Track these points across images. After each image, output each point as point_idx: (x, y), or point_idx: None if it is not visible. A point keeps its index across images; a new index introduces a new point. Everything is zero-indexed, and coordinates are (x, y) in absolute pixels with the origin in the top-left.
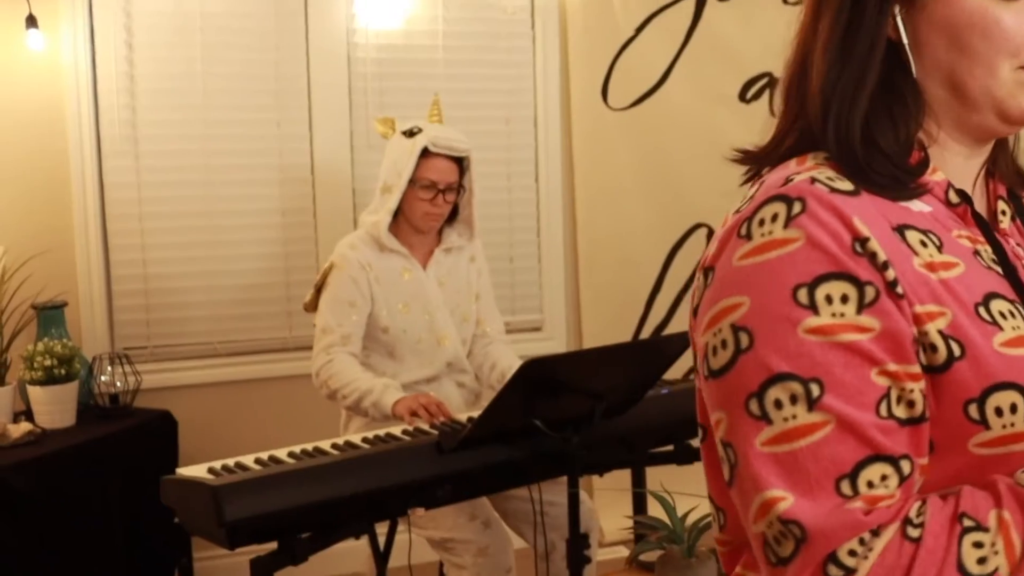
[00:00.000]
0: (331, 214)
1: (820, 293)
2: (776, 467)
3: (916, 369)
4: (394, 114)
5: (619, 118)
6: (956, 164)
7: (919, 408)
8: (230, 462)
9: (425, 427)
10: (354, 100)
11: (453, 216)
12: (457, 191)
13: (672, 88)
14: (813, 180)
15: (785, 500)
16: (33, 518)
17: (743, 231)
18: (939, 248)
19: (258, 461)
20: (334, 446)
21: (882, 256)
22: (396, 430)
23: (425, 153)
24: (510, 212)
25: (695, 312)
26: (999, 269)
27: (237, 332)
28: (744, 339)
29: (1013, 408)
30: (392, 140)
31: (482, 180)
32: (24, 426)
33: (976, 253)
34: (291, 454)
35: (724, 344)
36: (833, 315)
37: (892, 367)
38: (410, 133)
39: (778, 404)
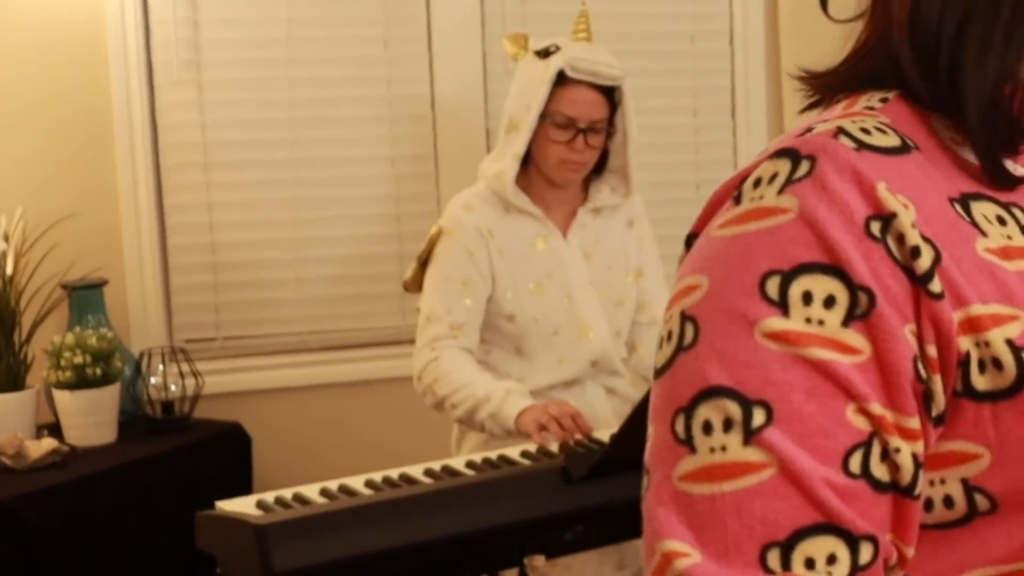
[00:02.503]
0: (458, 163)
1: (796, 288)
2: (688, 511)
3: (912, 423)
4: (542, 30)
5: (845, 35)
6: None
7: (907, 477)
8: (287, 493)
9: (554, 447)
10: (487, 12)
11: (603, 166)
12: (606, 132)
13: None
14: (839, 131)
15: (687, 558)
16: (54, 564)
17: (736, 192)
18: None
19: (324, 492)
20: (427, 472)
21: (913, 239)
22: (515, 451)
23: (562, 80)
24: (697, 159)
25: None
26: None
27: (334, 320)
28: (689, 333)
29: None
30: (523, 62)
31: (661, 116)
32: (47, 443)
33: None
34: (369, 483)
35: (669, 336)
36: (807, 320)
37: (877, 409)
38: (544, 53)
39: (707, 428)
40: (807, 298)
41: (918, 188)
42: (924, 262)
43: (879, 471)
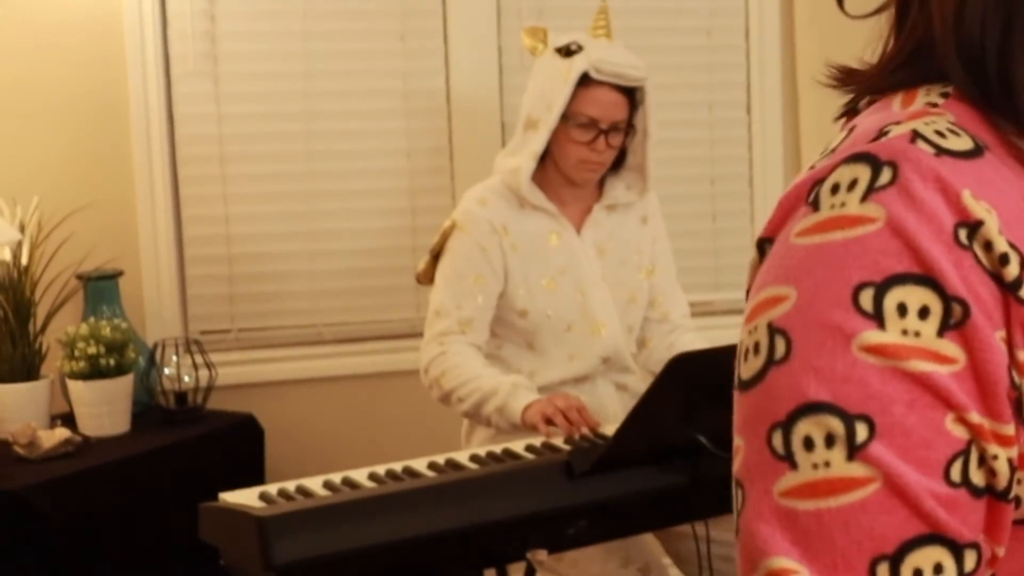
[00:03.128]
0: (473, 157)
1: (891, 300)
2: (793, 528)
3: (1008, 430)
4: (558, 24)
5: (862, 30)
6: None
7: (1003, 482)
8: (290, 486)
9: (559, 442)
10: (503, 5)
11: (619, 162)
12: (625, 131)
13: None
14: (915, 135)
15: (796, 575)
16: (66, 553)
17: (812, 196)
18: None
19: (327, 485)
20: (431, 466)
21: (1001, 247)
22: (519, 445)
23: (585, 80)
24: (712, 155)
25: (747, 296)
26: None
27: (349, 312)
28: (780, 346)
29: None
30: (542, 58)
31: (676, 111)
32: (60, 433)
33: None
34: (372, 476)
35: (757, 348)
36: (904, 332)
37: (975, 418)
38: (567, 51)
39: (808, 444)
40: (902, 310)
41: (996, 192)
42: (1013, 269)
43: (977, 477)
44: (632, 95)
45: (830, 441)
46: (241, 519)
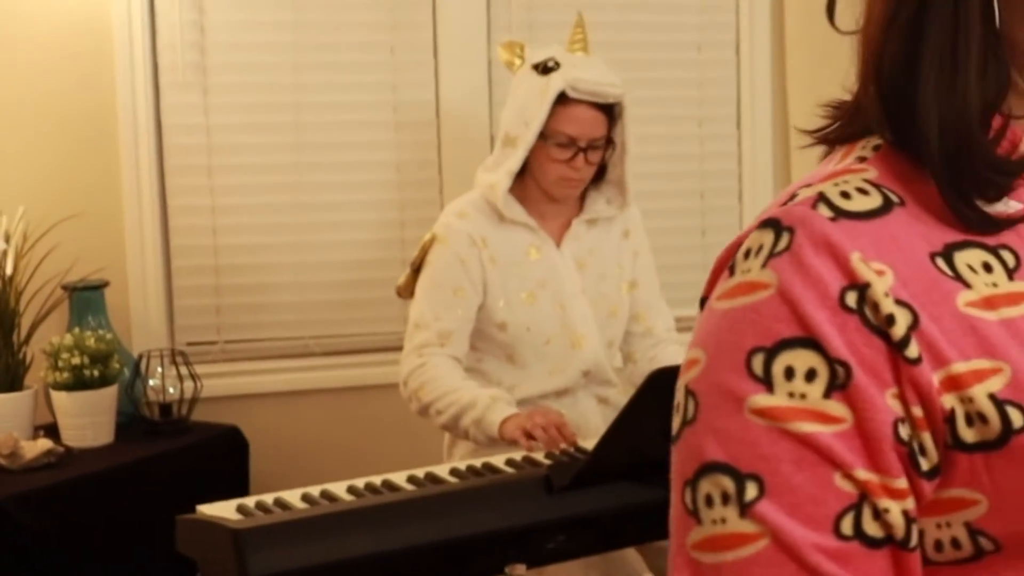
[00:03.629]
0: (462, 170)
1: (779, 364)
2: None
3: (899, 484)
4: (548, 38)
5: (852, 45)
6: None
7: (899, 533)
8: (268, 498)
9: (539, 456)
10: (493, 19)
11: (599, 176)
12: (604, 147)
13: None
14: (819, 199)
15: None
16: (46, 565)
17: (732, 261)
18: (1012, 271)
19: (306, 498)
20: (410, 479)
21: (886, 308)
22: (499, 460)
23: (562, 98)
24: (702, 169)
25: None
26: None
27: (336, 325)
28: (691, 407)
29: None
30: (520, 74)
31: (666, 125)
32: (43, 443)
33: None
34: (351, 489)
35: (678, 408)
36: (791, 395)
37: (862, 474)
38: (544, 68)
39: (709, 501)
40: (789, 373)
41: (898, 251)
42: (899, 329)
43: (872, 529)
44: (610, 110)
45: (725, 499)
46: (217, 531)
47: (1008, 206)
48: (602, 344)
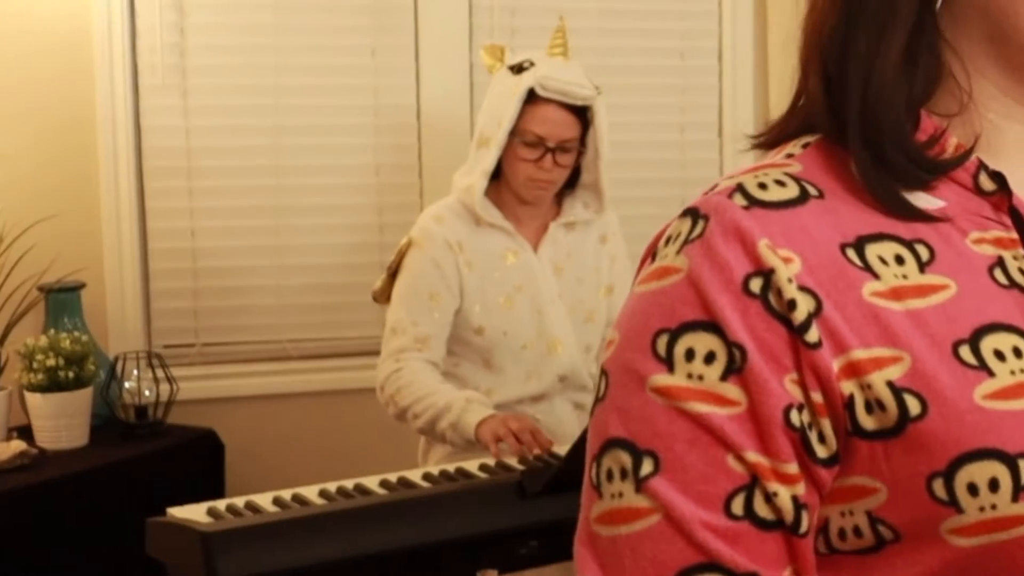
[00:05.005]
0: (442, 174)
1: (681, 345)
2: (597, 551)
3: (789, 469)
4: (531, 43)
5: None
6: (1013, 136)
7: (789, 517)
8: (239, 501)
9: (512, 461)
10: (475, 23)
11: (575, 180)
12: (577, 151)
13: None
14: (736, 189)
15: None
16: (19, 567)
17: (656, 249)
18: (924, 264)
19: (277, 501)
20: (382, 484)
21: (789, 293)
22: (473, 464)
23: (532, 98)
24: (684, 176)
25: None
26: None
27: (314, 329)
28: (602, 386)
29: (993, 484)
30: (497, 76)
31: (648, 132)
32: (15, 445)
33: (999, 265)
34: (322, 493)
35: (596, 388)
36: (689, 376)
37: (752, 457)
38: (518, 68)
39: (609, 476)
40: (689, 355)
41: (807, 239)
42: (800, 314)
43: (763, 511)
44: (583, 114)
45: (623, 474)
46: (187, 534)
47: (929, 202)
48: (579, 349)
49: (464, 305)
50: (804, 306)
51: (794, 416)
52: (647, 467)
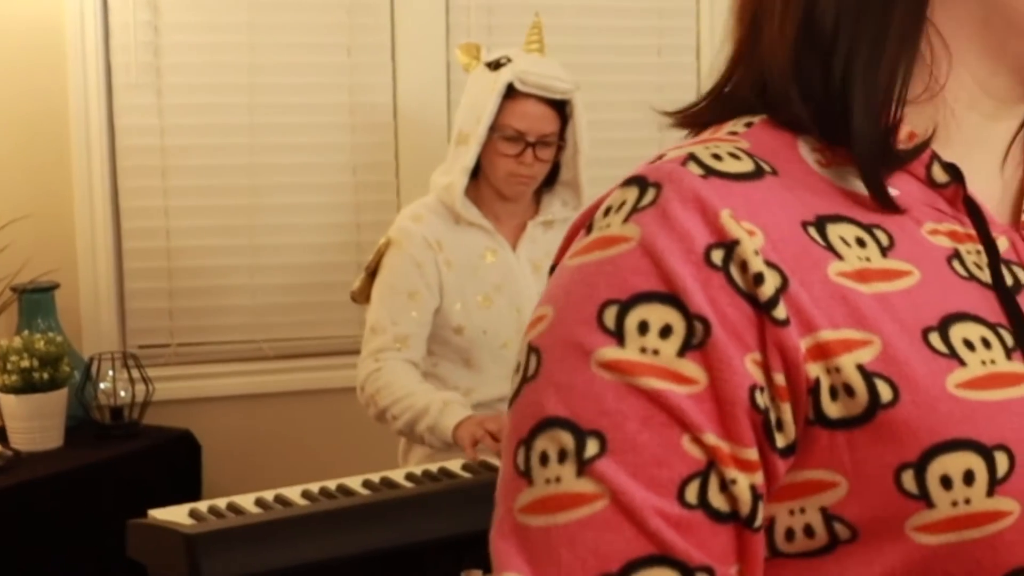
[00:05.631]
0: (419, 172)
1: (633, 317)
2: (525, 545)
3: (749, 455)
4: (507, 41)
5: None
6: (970, 127)
7: (745, 508)
8: (221, 503)
9: (495, 460)
10: (452, 21)
11: (553, 178)
12: (557, 146)
13: None
14: (689, 158)
15: None
16: None
17: (590, 221)
18: (886, 249)
19: (259, 502)
20: (365, 484)
21: (756, 266)
22: (456, 464)
23: (511, 93)
24: None
25: None
26: (987, 279)
27: (290, 328)
28: (532, 364)
29: (968, 477)
30: (474, 73)
31: (625, 129)
32: None
33: (956, 257)
34: (305, 494)
35: (518, 367)
36: (642, 350)
37: (711, 439)
38: (495, 65)
39: (544, 459)
40: (643, 328)
41: (768, 214)
42: (767, 289)
43: (718, 501)
44: (562, 109)
45: (562, 456)
46: (169, 536)
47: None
48: None
49: (444, 304)
50: (771, 281)
51: (758, 397)
52: (592, 448)
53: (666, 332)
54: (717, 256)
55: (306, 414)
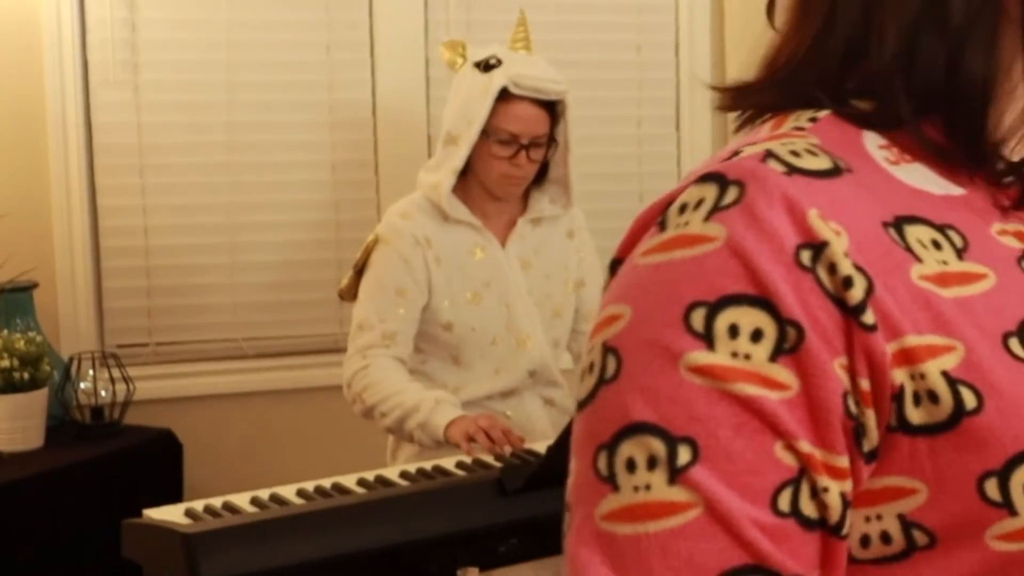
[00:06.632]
0: (399, 170)
1: (723, 320)
2: (611, 553)
3: (841, 462)
4: (486, 37)
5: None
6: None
7: (835, 516)
8: (216, 502)
9: (489, 459)
10: (431, 18)
11: (542, 176)
12: (547, 145)
13: None
14: (767, 155)
15: None
16: None
17: (661, 217)
18: (961, 251)
19: (255, 501)
20: (360, 482)
21: (845, 269)
22: (450, 463)
23: (504, 95)
24: (640, 170)
25: None
26: None
27: (270, 327)
28: (611, 365)
29: None
30: (461, 72)
31: (605, 126)
32: None
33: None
34: (301, 493)
35: (591, 368)
36: (734, 355)
37: (805, 447)
38: (485, 66)
39: (630, 465)
40: (733, 331)
41: (851, 213)
42: (856, 293)
43: (808, 509)
44: (552, 108)
45: (652, 463)
46: (167, 536)
47: (947, 188)
48: (547, 344)
49: (432, 301)
50: (860, 285)
51: (850, 403)
52: (684, 455)
53: (757, 336)
54: (806, 257)
55: (287, 413)
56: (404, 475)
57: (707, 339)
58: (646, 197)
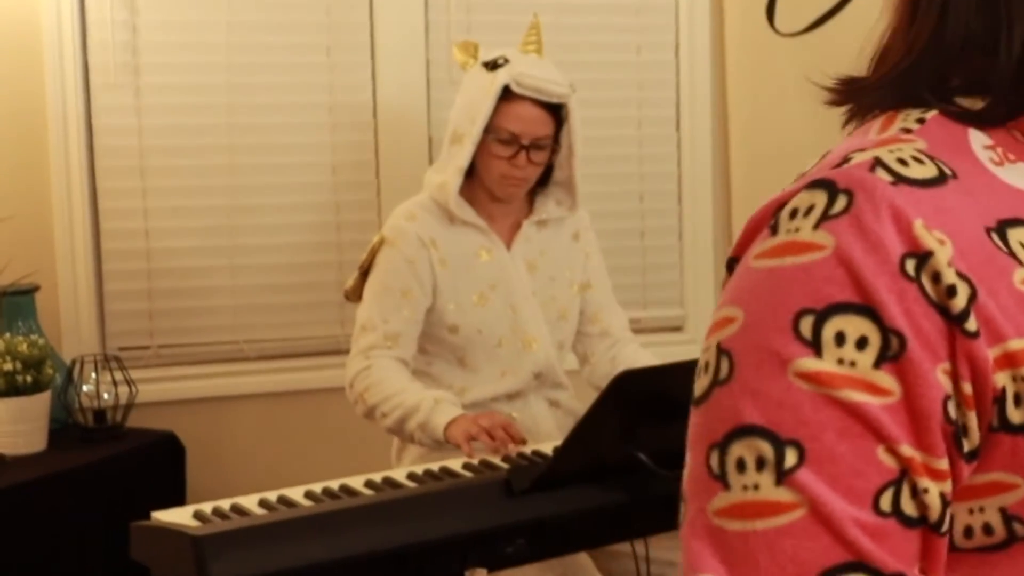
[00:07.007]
0: (400, 172)
1: (830, 328)
2: (721, 547)
3: (941, 464)
4: (487, 40)
5: (791, 47)
6: None
7: (935, 515)
8: (224, 504)
9: (495, 459)
10: (432, 20)
11: (547, 178)
12: (551, 148)
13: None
14: (876, 163)
15: None
16: None
17: (773, 220)
18: None
19: (263, 503)
20: (368, 484)
21: (948, 278)
22: (457, 463)
23: (507, 94)
24: (641, 171)
25: None
26: None
27: (271, 329)
28: (724, 367)
29: None
30: (470, 73)
31: (605, 127)
32: None
33: None
34: (309, 494)
35: (707, 367)
36: (840, 362)
37: (906, 451)
38: (492, 65)
39: (740, 465)
40: (840, 339)
41: (956, 220)
42: (959, 301)
43: (909, 507)
44: (557, 112)
45: (760, 464)
46: (176, 538)
47: None
48: (553, 346)
49: (438, 303)
50: (963, 293)
51: (951, 408)
52: (791, 458)
53: (862, 344)
54: (911, 266)
55: (289, 415)
56: (412, 476)
57: (815, 346)
58: (646, 198)
